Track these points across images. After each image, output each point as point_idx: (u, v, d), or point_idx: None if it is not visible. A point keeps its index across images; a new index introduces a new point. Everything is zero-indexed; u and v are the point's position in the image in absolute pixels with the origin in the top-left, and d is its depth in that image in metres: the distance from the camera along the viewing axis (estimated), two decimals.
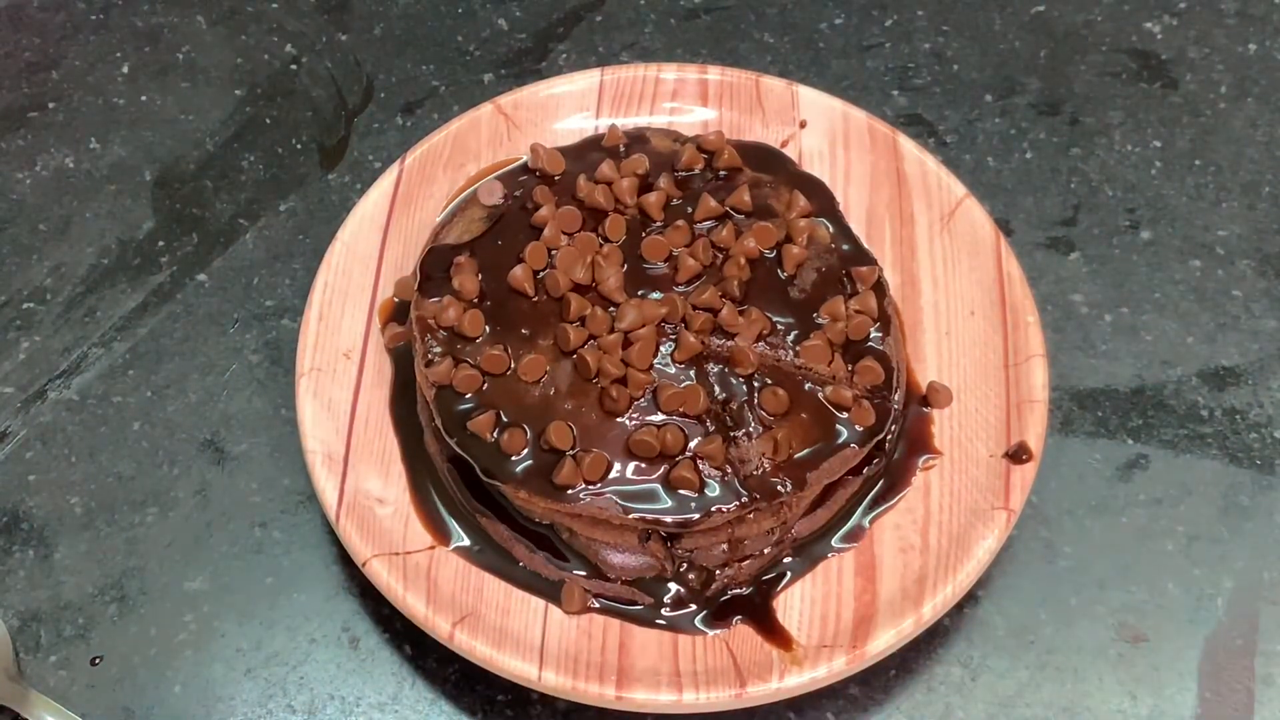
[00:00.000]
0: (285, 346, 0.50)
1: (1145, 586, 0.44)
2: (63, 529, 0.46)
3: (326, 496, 0.41)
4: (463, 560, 0.42)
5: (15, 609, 0.44)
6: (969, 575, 0.40)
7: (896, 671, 0.42)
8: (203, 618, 0.44)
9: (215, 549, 0.45)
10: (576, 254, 0.43)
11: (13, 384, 0.49)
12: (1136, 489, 0.46)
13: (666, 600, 0.41)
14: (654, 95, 0.52)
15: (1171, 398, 0.48)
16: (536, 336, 0.42)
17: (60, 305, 0.51)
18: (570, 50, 0.59)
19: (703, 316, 0.42)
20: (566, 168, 0.47)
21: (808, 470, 0.40)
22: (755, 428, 0.40)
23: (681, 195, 0.46)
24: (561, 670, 0.39)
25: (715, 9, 0.61)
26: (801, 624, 0.40)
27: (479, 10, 0.61)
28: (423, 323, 0.43)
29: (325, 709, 0.42)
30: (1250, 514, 0.46)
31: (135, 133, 0.56)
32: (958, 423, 0.44)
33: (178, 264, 0.52)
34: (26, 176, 0.55)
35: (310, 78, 0.58)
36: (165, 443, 0.48)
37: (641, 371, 0.41)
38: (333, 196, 0.54)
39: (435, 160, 0.49)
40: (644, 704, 0.38)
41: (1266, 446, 0.47)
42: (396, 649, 0.43)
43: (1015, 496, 0.41)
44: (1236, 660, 0.43)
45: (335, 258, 0.47)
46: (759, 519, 0.40)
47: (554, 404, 0.40)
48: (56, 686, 0.42)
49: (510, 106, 0.51)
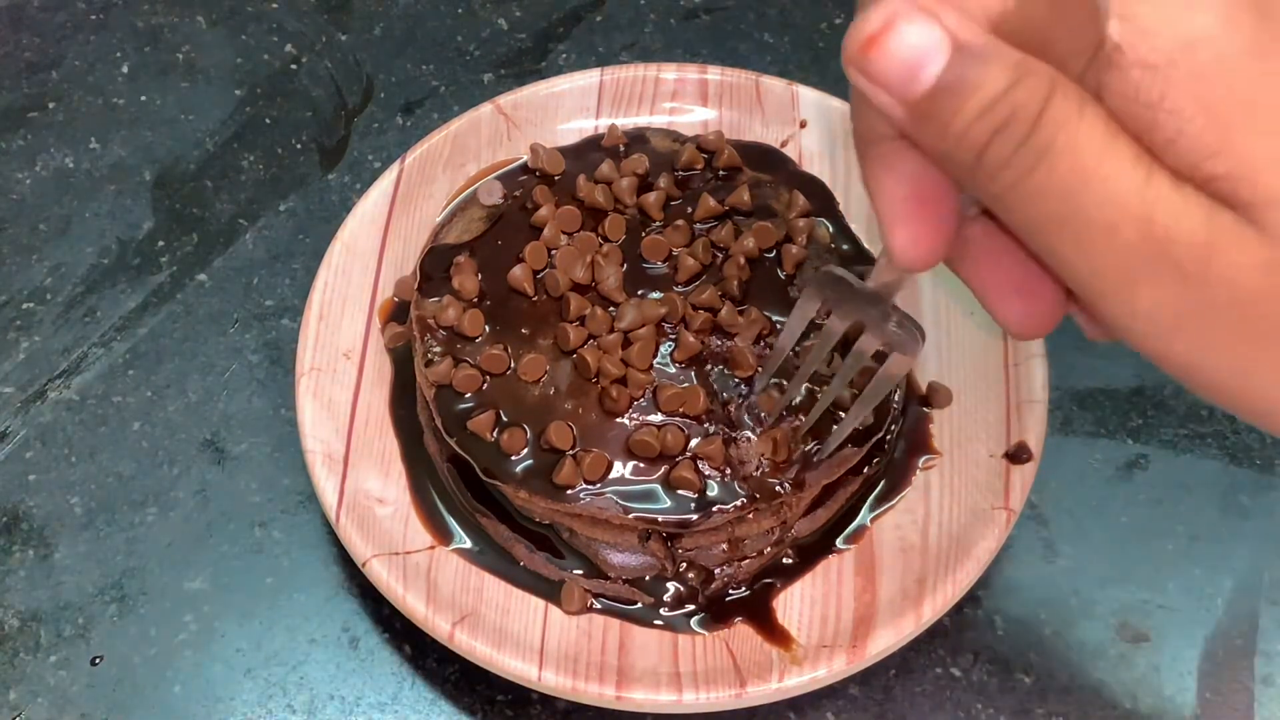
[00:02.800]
0: (285, 346, 0.50)
1: (1145, 586, 0.44)
2: (63, 529, 0.46)
3: (326, 496, 0.41)
4: (463, 560, 0.42)
5: (15, 609, 0.44)
6: (969, 575, 0.40)
7: (896, 671, 0.42)
8: (203, 618, 0.44)
9: (215, 549, 0.45)
10: (576, 254, 0.43)
11: (13, 384, 0.49)
12: (1136, 489, 0.46)
13: (666, 600, 0.41)
14: (654, 95, 0.52)
15: (1171, 398, 0.48)
16: (536, 336, 0.42)
17: (60, 305, 0.51)
18: (570, 50, 0.59)
19: (702, 316, 0.42)
20: (566, 167, 0.47)
21: (807, 471, 0.40)
22: (755, 428, 0.40)
23: (681, 195, 0.46)
24: (561, 670, 0.39)
25: (715, 9, 0.61)
26: (801, 624, 0.40)
27: (479, 10, 0.61)
28: (423, 323, 0.43)
29: (325, 709, 0.42)
30: (1250, 514, 0.46)
31: (135, 133, 0.56)
32: (958, 423, 0.44)
33: (178, 264, 0.52)
34: (26, 176, 0.55)
35: (310, 78, 0.58)
36: (165, 443, 0.48)
37: (641, 371, 0.41)
38: (333, 196, 0.54)
39: (435, 160, 0.49)
40: (644, 704, 0.38)
41: (1266, 446, 0.47)
42: (396, 649, 0.43)
43: (1015, 496, 0.41)
44: (1236, 660, 0.43)
45: (335, 258, 0.47)
46: (759, 519, 0.40)
47: (554, 404, 0.40)
48: (56, 686, 0.42)
49: (510, 106, 0.51)
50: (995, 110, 0.23)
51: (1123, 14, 0.23)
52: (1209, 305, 0.23)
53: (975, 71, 0.23)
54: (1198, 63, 0.23)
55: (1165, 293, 0.23)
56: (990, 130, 0.23)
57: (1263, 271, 0.23)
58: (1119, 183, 0.23)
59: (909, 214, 0.27)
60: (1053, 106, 0.23)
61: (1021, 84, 0.23)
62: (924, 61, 0.23)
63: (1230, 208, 0.23)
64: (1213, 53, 0.23)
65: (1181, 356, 0.24)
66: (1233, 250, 0.23)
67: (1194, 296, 0.23)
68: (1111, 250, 0.23)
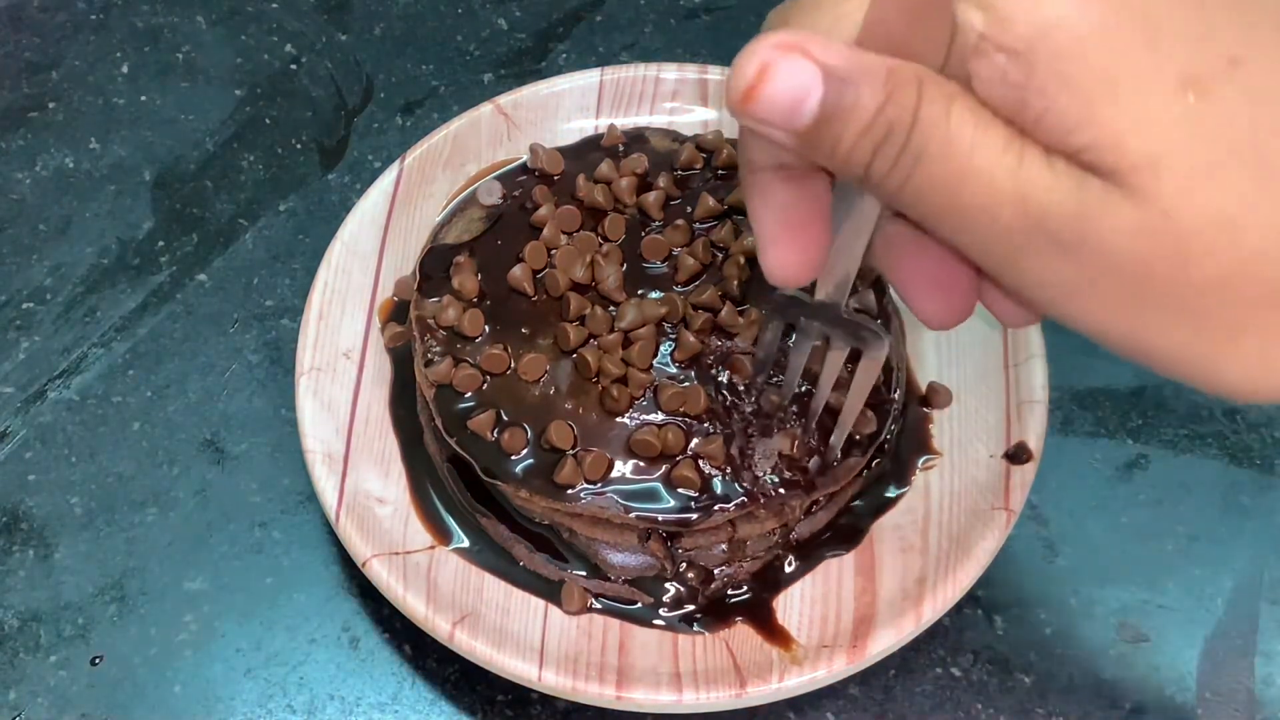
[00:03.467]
0: (285, 346, 0.50)
1: (1145, 586, 0.44)
2: (63, 529, 0.46)
3: (326, 496, 0.41)
4: (463, 560, 0.42)
5: (15, 609, 0.44)
6: (969, 575, 0.40)
7: (896, 671, 0.42)
8: (203, 618, 0.44)
9: (215, 549, 0.45)
10: (576, 253, 0.43)
11: (13, 384, 0.49)
12: (1136, 489, 0.46)
13: (666, 600, 0.41)
14: (654, 95, 0.52)
15: (1171, 398, 0.48)
16: (536, 336, 0.42)
17: (60, 305, 0.51)
18: (570, 50, 0.59)
19: (703, 316, 0.42)
20: (565, 167, 0.47)
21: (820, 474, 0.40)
22: (755, 428, 0.40)
23: (681, 194, 0.46)
24: (561, 670, 0.39)
25: (715, 9, 0.61)
26: (801, 624, 0.40)
27: (479, 10, 0.61)
28: (422, 322, 0.43)
29: (325, 709, 0.42)
30: (1250, 514, 0.46)
31: (135, 133, 0.56)
32: (958, 423, 0.44)
33: (178, 264, 0.52)
34: (26, 176, 0.55)
35: (310, 78, 0.58)
36: (165, 443, 0.48)
37: (642, 371, 0.41)
38: (332, 196, 0.54)
39: (435, 160, 0.49)
40: (644, 704, 0.38)
41: (1266, 446, 0.47)
42: (396, 649, 0.43)
43: (1015, 496, 0.41)
44: (1236, 660, 0.43)
45: (335, 257, 0.47)
46: (760, 519, 0.40)
47: (554, 403, 0.40)
48: (56, 686, 0.42)
49: (510, 106, 0.51)
50: (872, 130, 0.25)
51: (982, 4, 0.25)
52: (1092, 271, 0.24)
53: (849, 97, 0.24)
54: (1056, 44, 0.24)
55: (1050, 264, 0.25)
56: (872, 147, 0.25)
57: (1134, 234, 0.24)
58: (992, 170, 0.24)
59: (778, 238, 0.30)
60: (922, 114, 0.24)
61: (892, 100, 0.24)
62: (802, 98, 0.25)
63: (1100, 176, 0.24)
64: (1069, 34, 0.24)
65: (1081, 322, 0.26)
66: (1104, 216, 0.24)
67: (1076, 264, 0.24)
68: (995, 231, 0.25)
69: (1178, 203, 0.23)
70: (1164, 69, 0.23)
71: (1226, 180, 0.23)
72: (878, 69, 0.24)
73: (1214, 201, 0.23)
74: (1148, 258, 0.24)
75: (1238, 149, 0.23)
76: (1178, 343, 0.25)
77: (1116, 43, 0.24)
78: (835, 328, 0.37)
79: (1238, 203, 0.23)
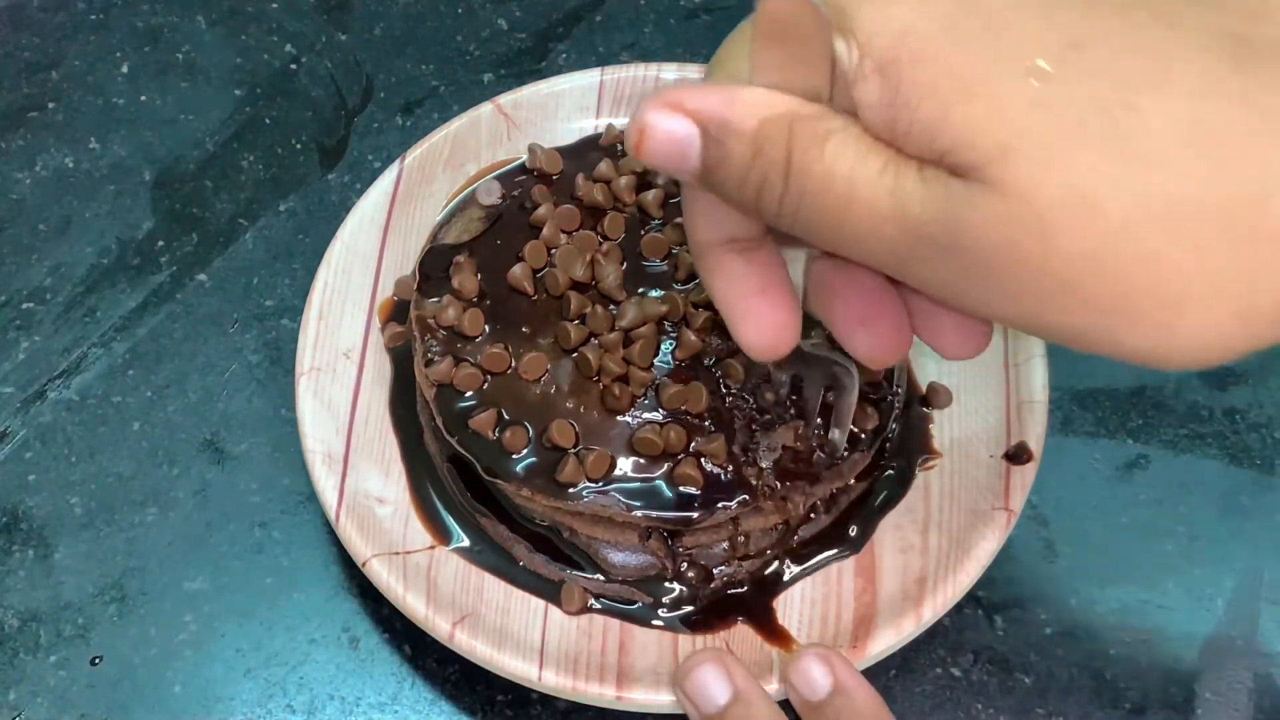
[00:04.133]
0: (285, 346, 0.50)
1: (1145, 586, 0.44)
2: (63, 529, 0.46)
3: (326, 496, 0.41)
4: (463, 560, 0.42)
5: (15, 609, 0.44)
6: (969, 575, 0.40)
7: (896, 671, 0.42)
8: (203, 618, 0.44)
9: (215, 549, 0.45)
10: (576, 252, 0.43)
11: (13, 384, 0.49)
12: (1136, 489, 0.46)
13: (666, 600, 0.41)
14: None
15: (1171, 398, 0.48)
16: (537, 335, 0.42)
17: (60, 305, 0.51)
18: (570, 50, 0.59)
19: (704, 314, 0.42)
20: (564, 167, 0.47)
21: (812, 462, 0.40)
22: (756, 426, 0.40)
23: (680, 192, 0.46)
24: (561, 670, 0.39)
25: (715, 9, 0.61)
26: (801, 624, 0.40)
27: (479, 10, 0.61)
28: (422, 322, 0.43)
29: (325, 709, 0.42)
30: (1250, 514, 0.46)
31: (135, 133, 0.56)
32: (958, 423, 0.44)
33: (178, 264, 0.52)
34: (26, 176, 0.55)
35: (310, 78, 0.58)
36: (165, 443, 0.48)
37: (643, 369, 0.41)
38: (332, 196, 0.54)
39: (435, 160, 0.49)
40: (644, 704, 0.38)
41: (1266, 446, 0.47)
42: (396, 649, 0.43)
43: (1015, 497, 0.41)
44: (1236, 660, 0.43)
45: (335, 257, 0.47)
46: (765, 512, 0.40)
47: (555, 402, 0.40)
48: (56, 686, 0.42)
49: (510, 106, 0.51)
50: (750, 176, 0.27)
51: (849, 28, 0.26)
52: (973, 265, 0.25)
53: (722, 150, 0.27)
54: (912, 50, 0.25)
55: (940, 266, 0.26)
56: (755, 189, 0.27)
57: (998, 224, 0.24)
58: (872, 195, 0.25)
59: (748, 311, 0.30)
60: (795, 159, 0.26)
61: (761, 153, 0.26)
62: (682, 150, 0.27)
63: (962, 176, 0.24)
64: (919, 38, 0.25)
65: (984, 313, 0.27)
66: (970, 213, 0.24)
67: (959, 262, 0.25)
68: (886, 246, 0.26)
69: (1030, 186, 0.23)
70: (1009, 60, 0.24)
71: (1076, 159, 0.23)
72: (748, 117, 0.26)
73: (1066, 179, 0.23)
74: (1016, 243, 0.24)
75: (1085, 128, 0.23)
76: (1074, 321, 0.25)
77: (962, 41, 0.24)
78: (805, 368, 0.38)
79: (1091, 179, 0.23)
